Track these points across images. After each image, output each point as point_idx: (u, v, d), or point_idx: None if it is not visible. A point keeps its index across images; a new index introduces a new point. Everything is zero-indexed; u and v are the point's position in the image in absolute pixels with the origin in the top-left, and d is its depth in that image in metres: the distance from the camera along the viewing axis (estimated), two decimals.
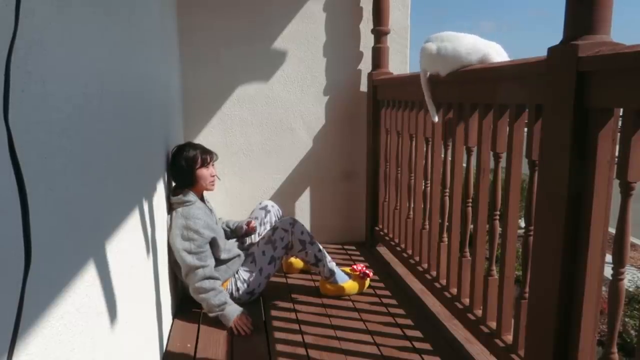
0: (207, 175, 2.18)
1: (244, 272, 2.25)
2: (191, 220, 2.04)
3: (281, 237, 2.25)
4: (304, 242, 2.28)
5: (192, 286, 2.03)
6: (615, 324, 1.16)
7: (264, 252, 2.26)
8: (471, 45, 1.72)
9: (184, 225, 2.04)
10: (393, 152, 2.66)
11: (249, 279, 2.23)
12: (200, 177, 2.16)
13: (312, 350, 1.85)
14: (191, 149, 2.15)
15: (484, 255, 1.80)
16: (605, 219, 1.18)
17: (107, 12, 1.24)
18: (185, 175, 2.14)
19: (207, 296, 2.01)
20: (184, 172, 2.14)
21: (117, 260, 1.23)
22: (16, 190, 0.56)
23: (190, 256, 2.02)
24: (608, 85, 1.09)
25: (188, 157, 2.13)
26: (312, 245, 2.30)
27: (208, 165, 2.19)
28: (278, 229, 2.27)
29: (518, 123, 1.49)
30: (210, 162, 2.20)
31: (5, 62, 0.58)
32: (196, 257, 2.02)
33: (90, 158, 1.05)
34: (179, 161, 2.13)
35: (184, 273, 2.05)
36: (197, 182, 2.16)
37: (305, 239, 2.29)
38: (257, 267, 2.25)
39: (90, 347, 1.01)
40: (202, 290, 2.01)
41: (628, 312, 3.74)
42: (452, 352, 1.84)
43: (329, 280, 2.33)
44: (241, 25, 2.87)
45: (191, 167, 2.13)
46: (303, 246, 2.27)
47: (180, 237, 2.03)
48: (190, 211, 2.07)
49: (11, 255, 0.66)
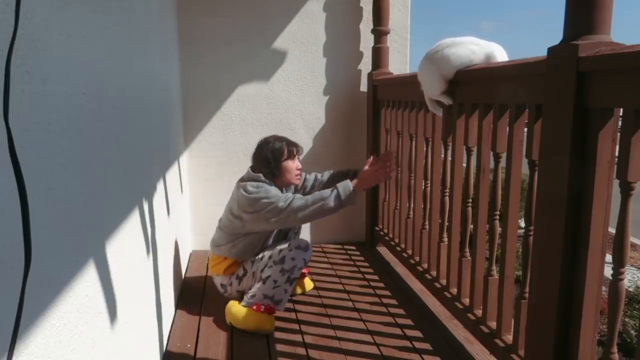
0: (292, 168, 2.14)
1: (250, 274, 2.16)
2: (264, 186, 2.03)
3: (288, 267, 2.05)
4: (287, 271, 2.03)
5: (296, 218, 1.94)
6: (615, 324, 1.16)
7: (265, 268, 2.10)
8: (474, 46, 1.73)
9: (255, 184, 2.03)
10: (393, 152, 2.65)
11: (248, 282, 2.16)
12: (286, 169, 2.13)
13: (312, 350, 1.85)
14: (277, 141, 2.14)
15: (484, 255, 1.80)
16: (605, 219, 1.18)
17: (107, 12, 1.24)
18: (271, 167, 2.11)
19: (315, 209, 1.91)
20: (270, 165, 2.11)
21: (117, 260, 1.23)
22: (16, 190, 0.56)
23: (268, 198, 1.96)
24: (608, 85, 1.09)
25: (275, 149, 2.11)
26: (285, 281, 2.04)
27: (294, 157, 2.16)
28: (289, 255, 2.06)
29: (518, 123, 1.49)
30: (296, 154, 2.17)
31: (5, 62, 0.58)
32: (274, 198, 1.96)
33: (90, 158, 1.05)
34: (265, 153, 2.11)
35: (277, 218, 1.95)
36: (283, 175, 2.13)
37: (291, 269, 2.04)
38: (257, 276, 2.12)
39: (90, 347, 1.01)
40: (306, 212, 1.92)
41: (628, 312, 3.74)
42: (452, 352, 1.84)
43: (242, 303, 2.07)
44: (241, 25, 2.87)
45: (277, 159, 2.11)
46: (282, 273, 2.03)
47: (254, 189, 2.00)
48: (265, 184, 2.06)
49: (11, 255, 0.66)
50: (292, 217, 1.94)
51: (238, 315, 2.01)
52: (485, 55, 1.71)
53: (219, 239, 2.20)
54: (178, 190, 2.54)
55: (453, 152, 1.93)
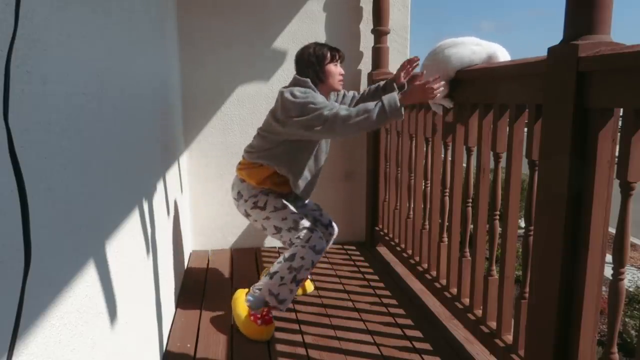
0: (336, 73, 2.06)
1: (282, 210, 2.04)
2: (311, 92, 1.93)
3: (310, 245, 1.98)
4: (294, 268, 1.95)
5: (340, 128, 1.83)
6: (615, 324, 1.16)
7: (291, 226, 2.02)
8: (475, 46, 1.73)
9: (303, 90, 1.93)
10: (393, 152, 2.66)
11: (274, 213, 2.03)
12: (330, 73, 2.04)
13: (312, 350, 1.85)
14: (318, 46, 2.07)
15: (484, 255, 1.80)
16: (605, 219, 1.18)
17: (107, 12, 1.24)
18: (316, 70, 2.02)
19: (359, 120, 1.80)
20: (315, 67, 2.02)
21: (117, 260, 1.23)
22: (16, 190, 0.56)
23: (315, 105, 1.85)
24: (608, 85, 1.09)
25: (318, 53, 2.04)
26: (291, 279, 1.96)
27: (337, 62, 2.07)
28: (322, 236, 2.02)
29: (518, 123, 1.49)
30: (338, 59, 2.08)
31: (5, 62, 0.58)
32: (320, 105, 1.85)
33: (90, 158, 1.05)
34: (308, 58, 2.03)
35: (321, 127, 1.84)
36: (327, 80, 2.04)
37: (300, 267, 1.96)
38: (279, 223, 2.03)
39: (90, 347, 1.01)
40: (350, 123, 1.80)
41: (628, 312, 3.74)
42: (452, 352, 1.84)
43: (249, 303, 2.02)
44: (241, 25, 2.87)
45: (321, 62, 2.03)
46: (290, 270, 1.95)
47: (301, 94, 1.89)
48: (311, 91, 1.96)
49: (11, 255, 0.66)
50: (336, 127, 1.83)
51: (240, 317, 2.00)
52: (487, 55, 1.71)
53: (257, 144, 2.09)
54: (178, 190, 2.54)
55: (453, 152, 1.93)
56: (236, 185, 2.14)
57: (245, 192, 2.09)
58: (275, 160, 2.04)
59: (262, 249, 3.08)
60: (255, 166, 2.08)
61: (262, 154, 2.05)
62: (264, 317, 1.96)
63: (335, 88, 2.09)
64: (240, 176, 2.13)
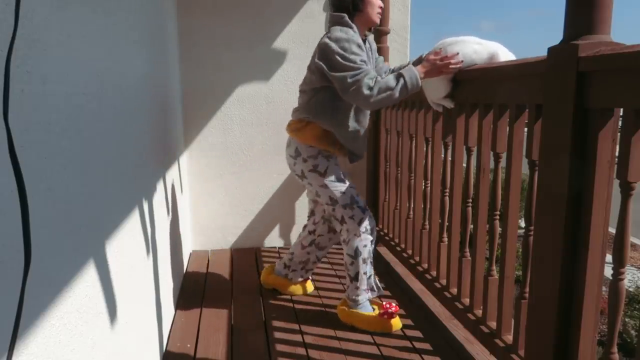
0: (375, 4, 1.95)
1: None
2: (349, 33, 1.83)
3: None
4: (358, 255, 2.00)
5: (361, 99, 1.76)
6: (615, 324, 1.16)
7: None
8: (477, 45, 1.73)
9: (339, 29, 1.84)
10: (393, 152, 2.66)
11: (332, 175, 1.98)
12: (369, 2, 1.92)
13: (312, 350, 1.85)
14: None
15: (484, 255, 1.80)
16: (605, 219, 1.18)
17: (107, 12, 1.24)
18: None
19: (381, 98, 1.74)
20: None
21: (117, 260, 1.23)
22: (16, 190, 0.56)
23: (346, 60, 1.77)
24: (608, 85, 1.09)
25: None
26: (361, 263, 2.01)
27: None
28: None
29: (518, 123, 1.49)
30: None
31: (5, 62, 0.58)
32: (350, 64, 1.76)
33: (90, 158, 1.05)
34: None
35: (343, 92, 1.79)
36: (365, 9, 1.92)
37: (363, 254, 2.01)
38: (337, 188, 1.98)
39: (90, 347, 1.01)
40: (372, 100, 1.74)
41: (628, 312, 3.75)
42: (452, 352, 1.84)
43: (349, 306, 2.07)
44: (241, 25, 2.87)
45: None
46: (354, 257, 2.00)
47: (341, 34, 1.81)
48: (350, 32, 1.85)
49: (11, 255, 0.66)
50: (357, 101, 1.79)
51: (370, 321, 2.00)
52: (489, 54, 1.70)
53: (300, 101, 2.03)
54: (178, 190, 2.54)
55: (453, 152, 1.93)
56: (293, 143, 2.04)
57: (304, 151, 1.99)
58: (315, 112, 1.94)
59: (262, 249, 3.08)
60: (302, 124, 1.99)
61: (303, 108, 1.98)
62: (387, 311, 2.00)
63: (373, 20, 1.96)
64: (294, 136, 2.03)
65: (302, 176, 2.03)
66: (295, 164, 2.03)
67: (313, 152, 1.98)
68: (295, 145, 2.01)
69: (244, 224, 3.09)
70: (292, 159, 2.03)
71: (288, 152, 2.07)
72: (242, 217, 3.08)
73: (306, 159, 1.99)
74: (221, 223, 3.07)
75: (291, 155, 2.04)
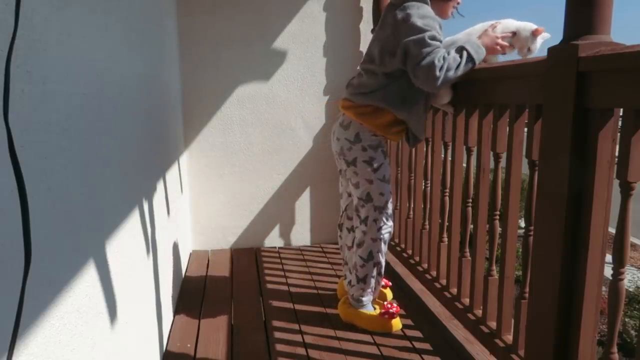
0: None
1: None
2: (425, 9, 1.69)
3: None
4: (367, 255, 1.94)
5: (428, 86, 1.65)
6: (615, 324, 1.16)
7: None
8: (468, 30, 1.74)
9: (413, 5, 1.69)
10: (393, 152, 2.66)
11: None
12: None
13: (312, 350, 1.85)
14: None
15: (484, 255, 1.80)
16: (605, 219, 1.18)
17: (107, 12, 1.24)
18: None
19: (452, 73, 1.60)
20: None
21: (117, 260, 1.23)
22: (16, 190, 0.56)
23: (424, 33, 1.62)
24: (608, 85, 1.09)
25: None
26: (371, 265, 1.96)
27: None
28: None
29: (518, 123, 1.49)
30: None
31: (5, 62, 0.58)
32: (430, 47, 1.61)
33: (90, 158, 1.05)
34: None
35: (415, 62, 1.63)
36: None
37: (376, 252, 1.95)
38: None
39: (90, 347, 1.01)
40: (444, 75, 1.59)
41: (628, 312, 3.75)
42: (452, 352, 1.84)
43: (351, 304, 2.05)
44: (241, 25, 2.87)
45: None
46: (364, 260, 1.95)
47: (415, 10, 1.66)
48: (425, 6, 1.71)
49: (11, 255, 0.66)
50: (426, 81, 1.63)
51: (371, 321, 1.98)
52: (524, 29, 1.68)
53: (369, 83, 1.81)
54: (178, 190, 2.54)
55: (453, 152, 1.93)
56: (354, 126, 1.85)
57: (368, 138, 1.84)
58: (393, 100, 1.77)
59: (262, 249, 3.08)
60: (370, 109, 1.81)
61: (375, 94, 1.78)
62: (388, 311, 1.98)
63: (447, 14, 1.82)
64: (356, 118, 1.84)
65: (351, 163, 1.88)
66: (350, 149, 1.86)
67: (375, 142, 1.85)
68: (357, 130, 1.84)
69: (244, 224, 3.09)
70: (349, 143, 1.86)
71: (345, 134, 1.87)
72: (242, 217, 3.08)
73: (366, 148, 1.84)
74: (221, 223, 3.07)
75: (348, 140, 1.86)
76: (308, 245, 3.15)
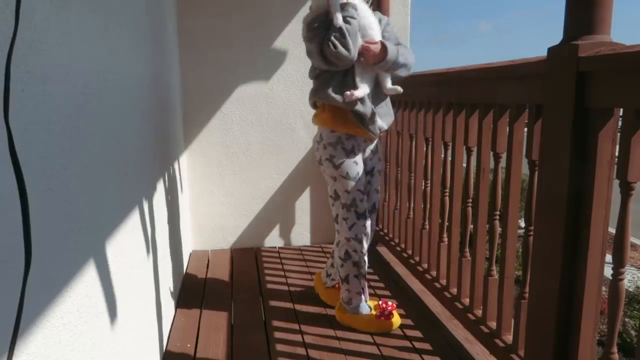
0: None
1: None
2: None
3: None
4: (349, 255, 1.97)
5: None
6: (615, 324, 1.16)
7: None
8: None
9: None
10: (393, 152, 2.66)
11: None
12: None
13: (312, 350, 1.85)
14: None
15: (484, 255, 1.80)
16: (605, 219, 1.18)
17: (107, 12, 1.24)
18: None
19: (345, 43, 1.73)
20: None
21: (117, 260, 1.23)
22: (16, 190, 0.56)
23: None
24: (608, 85, 1.09)
25: None
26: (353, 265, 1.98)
27: None
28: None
29: (518, 123, 1.49)
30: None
31: (5, 62, 0.58)
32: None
33: (90, 158, 1.05)
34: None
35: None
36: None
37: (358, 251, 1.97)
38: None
39: (90, 347, 1.01)
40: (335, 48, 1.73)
41: (628, 312, 3.75)
42: (452, 352, 1.84)
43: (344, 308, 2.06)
44: (241, 25, 2.87)
45: None
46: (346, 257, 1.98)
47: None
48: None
49: (11, 255, 0.66)
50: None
51: (369, 323, 1.99)
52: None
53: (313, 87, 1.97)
54: (178, 190, 2.54)
55: (453, 152, 1.93)
56: (319, 129, 2.01)
57: (325, 135, 1.94)
58: (323, 90, 1.86)
59: (262, 249, 3.08)
60: (317, 108, 1.96)
61: (313, 93, 1.93)
62: (383, 312, 1.98)
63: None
64: (314, 122, 1.99)
65: (320, 162, 1.98)
66: (318, 149, 1.98)
67: (333, 138, 1.91)
68: (320, 130, 1.98)
69: (244, 224, 3.09)
70: (317, 143, 1.99)
71: (316, 137, 2.06)
72: (242, 217, 3.08)
73: (326, 146, 1.93)
74: (221, 223, 3.07)
75: (316, 140, 2.01)
76: (308, 245, 3.15)
